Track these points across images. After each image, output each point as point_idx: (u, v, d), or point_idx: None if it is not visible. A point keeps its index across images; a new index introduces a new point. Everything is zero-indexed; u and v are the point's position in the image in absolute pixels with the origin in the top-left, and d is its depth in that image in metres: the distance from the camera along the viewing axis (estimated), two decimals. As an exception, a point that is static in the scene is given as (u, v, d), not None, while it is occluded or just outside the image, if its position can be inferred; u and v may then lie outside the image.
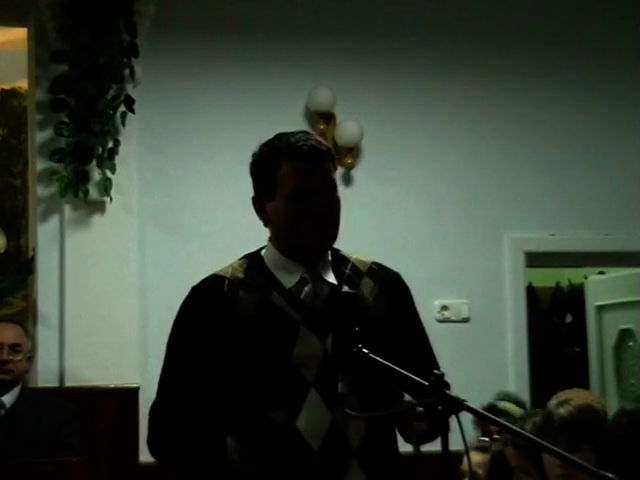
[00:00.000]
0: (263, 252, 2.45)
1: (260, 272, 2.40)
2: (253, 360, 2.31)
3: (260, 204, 2.42)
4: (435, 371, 2.05)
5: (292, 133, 2.42)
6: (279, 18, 5.42)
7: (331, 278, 2.41)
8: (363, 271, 2.47)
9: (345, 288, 2.34)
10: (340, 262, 2.45)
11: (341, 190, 2.49)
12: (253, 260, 2.44)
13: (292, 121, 4.98)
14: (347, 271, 2.44)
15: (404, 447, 2.44)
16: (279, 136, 2.42)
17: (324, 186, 2.38)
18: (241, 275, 2.39)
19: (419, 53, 5.55)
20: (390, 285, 2.48)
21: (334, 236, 2.42)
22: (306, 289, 2.37)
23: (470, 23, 5.63)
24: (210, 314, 2.36)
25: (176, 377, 2.39)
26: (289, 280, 2.38)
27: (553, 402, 2.98)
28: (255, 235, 2.52)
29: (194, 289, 2.43)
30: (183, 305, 2.43)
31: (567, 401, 2.94)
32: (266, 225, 2.43)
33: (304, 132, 2.47)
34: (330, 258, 2.44)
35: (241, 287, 2.37)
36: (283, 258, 2.40)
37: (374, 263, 2.51)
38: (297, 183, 2.34)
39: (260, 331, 2.32)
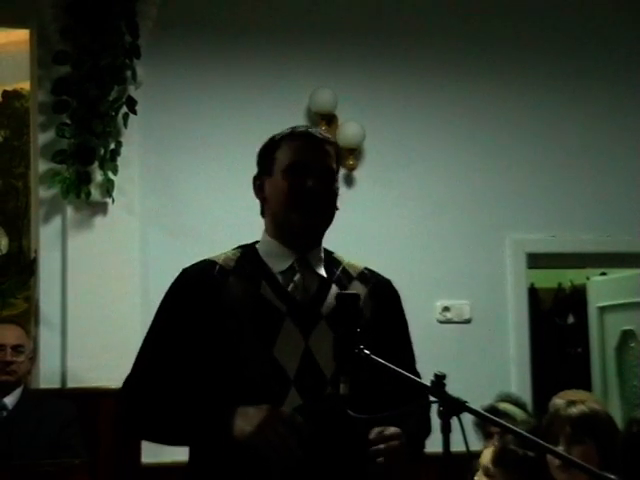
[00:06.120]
0: (257, 244, 2.47)
1: (252, 260, 2.41)
2: (233, 349, 2.30)
3: (259, 182, 2.46)
4: (436, 372, 2.05)
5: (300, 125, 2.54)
6: (280, 19, 5.42)
7: (322, 271, 2.41)
8: (354, 275, 2.47)
9: (329, 286, 2.37)
10: (332, 263, 2.46)
11: (343, 191, 2.51)
12: (246, 249, 2.46)
13: (294, 122, 4.87)
14: (338, 272, 2.45)
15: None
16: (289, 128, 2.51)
17: (321, 167, 2.41)
18: (232, 263, 2.41)
19: (421, 54, 5.55)
20: (380, 291, 2.47)
21: (325, 220, 2.42)
22: (295, 279, 2.38)
23: (472, 25, 5.63)
24: (197, 296, 2.37)
25: (156, 352, 2.39)
26: (279, 265, 2.39)
27: (561, 401, 2.99)
28: (257, 236, 2.51)
29: (184, 270, 2.45)
30: (172, 284, 2.45)
31: (579, 402, 2.96)
32: (262, 212, 2.46)
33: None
34: (322, 256, 2.45)
35: (231, 274, 2.38)
36: (275, 243, 2.41)
37: (366, 268, 2.51)
38: (295, 158, 2.40)
39: (244, 319, 2.32)
